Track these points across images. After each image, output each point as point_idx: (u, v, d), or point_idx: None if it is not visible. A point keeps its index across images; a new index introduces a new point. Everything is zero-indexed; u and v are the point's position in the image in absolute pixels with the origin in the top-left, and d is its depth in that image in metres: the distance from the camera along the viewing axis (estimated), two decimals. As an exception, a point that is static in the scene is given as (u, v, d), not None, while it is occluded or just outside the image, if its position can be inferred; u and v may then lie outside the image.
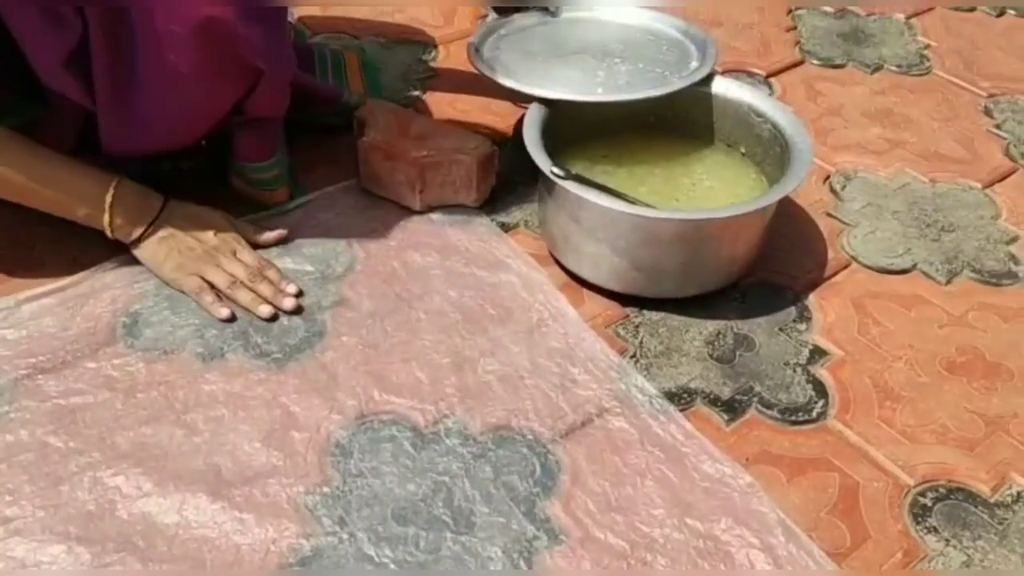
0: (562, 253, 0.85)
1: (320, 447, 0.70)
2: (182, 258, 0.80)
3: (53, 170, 0.78)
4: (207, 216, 0.84)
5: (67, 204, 0.79)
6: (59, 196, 0.78)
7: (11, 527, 0.63)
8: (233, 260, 0.82)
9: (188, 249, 0.81)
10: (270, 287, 0.81)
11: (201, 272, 0.80)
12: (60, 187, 0.78)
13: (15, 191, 0.77)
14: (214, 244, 0.82)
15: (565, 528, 0.66)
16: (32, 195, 0.78)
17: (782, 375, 0.78)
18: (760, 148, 0.89)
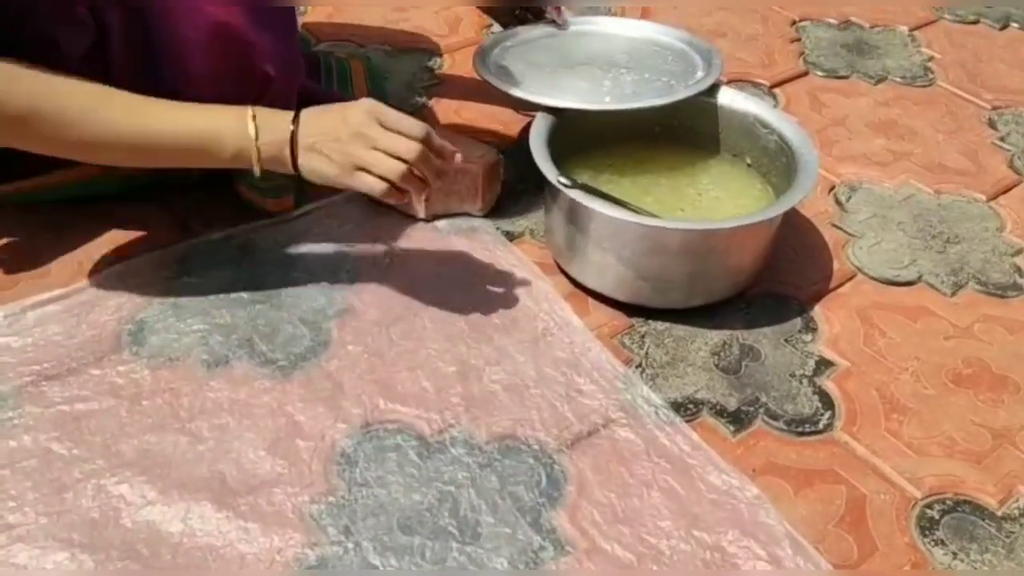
0: (567, 262, 0.85)
1: (325, 456, 0.70)
2: (336, 156, 0.71)
3: (183, 114, 0.71)
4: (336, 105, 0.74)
5: (210, 145, 0.71)
6: (199, 139, 0.71)
7: (14, 534, 0.62)
8: (385, 133, 0.71)
9: (335, 141, 0.71)
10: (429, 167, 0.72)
11: (360, 162, 0.71)
12: (200, 128, 0.71)
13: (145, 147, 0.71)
14: (357, 121, 0.71)
15: (571, 539, 0.65)
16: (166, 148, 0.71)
17: (788, 386, 0.78)
18: (766, 159, 0.89)
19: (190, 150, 0.71)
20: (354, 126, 0.70)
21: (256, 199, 0.90)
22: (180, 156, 0.72)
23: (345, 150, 0.70)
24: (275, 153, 0.71)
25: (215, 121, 0.71)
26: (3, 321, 0.78)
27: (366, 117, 0.71)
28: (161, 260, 0.85)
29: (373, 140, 0.70)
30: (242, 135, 0.70)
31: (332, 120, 0.71)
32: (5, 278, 0.82)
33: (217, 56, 0.73)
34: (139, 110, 0.70)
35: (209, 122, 0.71)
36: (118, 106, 0.69)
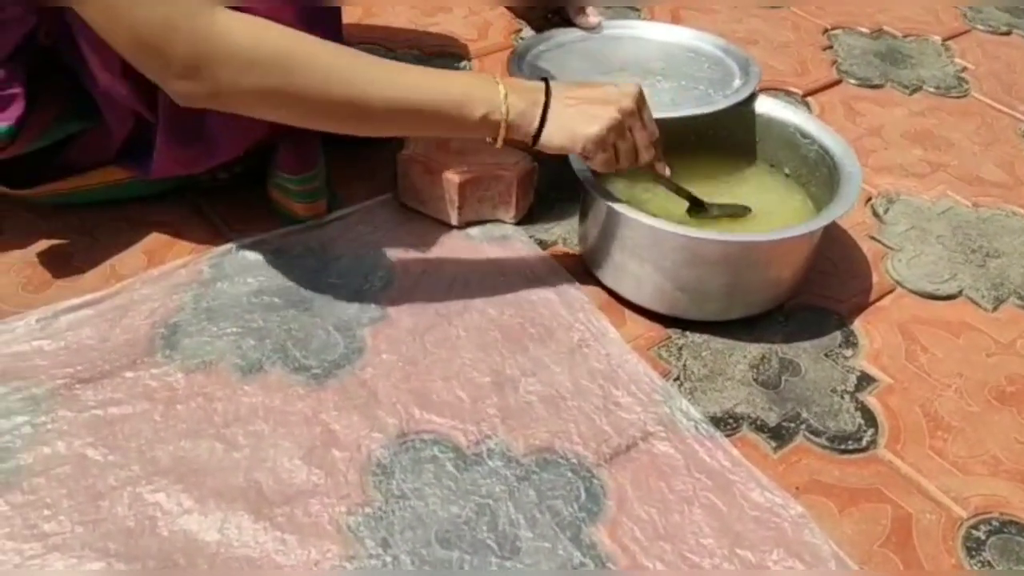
0: (603, 272, 0.84)
1: (361, 466, 0.69)
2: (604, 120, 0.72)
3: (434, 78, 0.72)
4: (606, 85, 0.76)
5: (462, 108, 0.71)
6: (453, 101, 0.71)
7: (49, 543, 0.62)
8: (642, 128, 0.76)
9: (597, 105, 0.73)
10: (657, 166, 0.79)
11: (616, 139, 0.74)
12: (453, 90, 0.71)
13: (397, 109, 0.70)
14: (629, 103, 0.74)
15: (612, 555, 0.64)
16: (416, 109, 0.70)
17: (830, 402, 0.76)
18: (806, 169, 0.88)
19: (439, 114, 0.71)
20: (627, 103, 0.73)
21: (288, 204, 0.89)
22: (428, 120, 0.72)
23: (616, 117, 0.73)
24: (522, 121, 0.72)
25: (467, 87, 0.71)
26: (36, 325, 0.77)
27: (636, 100, 0.74)
28: (194, 264, 0.84)
29: (633, 123, 0.74)
30: (493, 96, 0.71)
31: (595, 92, 0.74)
32: (39, 281, 0.82)
33: None
34: (390, 70, 0.70)
35: (461, 87, 0.71)
36: (369, 65, 0.69)
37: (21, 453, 0.67)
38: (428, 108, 0.71)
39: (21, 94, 0.75)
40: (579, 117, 0.73)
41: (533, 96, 0.73)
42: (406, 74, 0.71)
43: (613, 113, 0.73)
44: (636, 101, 0.74)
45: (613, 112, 0.73)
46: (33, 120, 0.77)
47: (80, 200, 0.87)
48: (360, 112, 0.70)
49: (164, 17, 0.63)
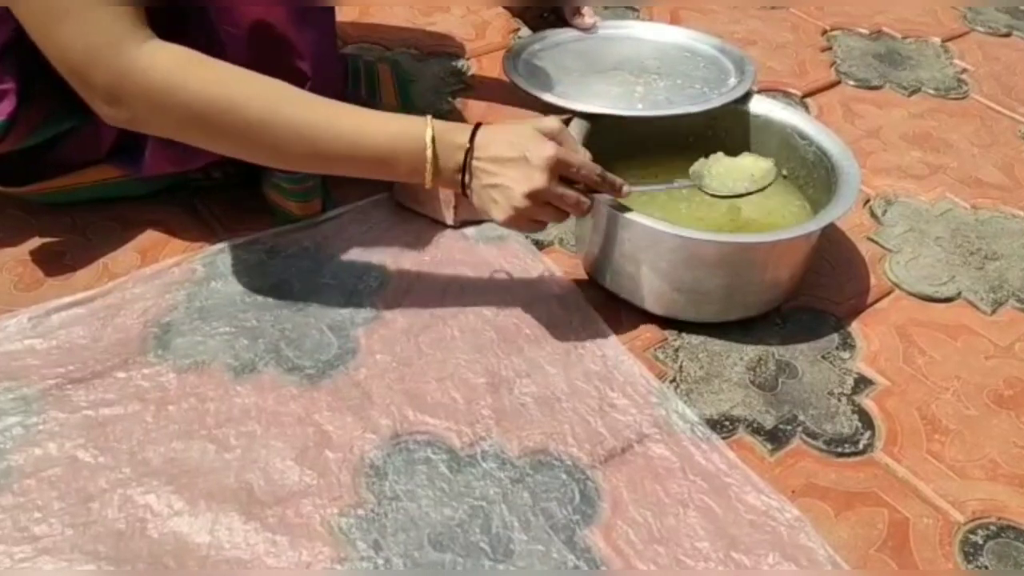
0: (600, 273, 0.84)
1: (354, 467, 0.68)
2: (505, 205, 0.69)
3: (367, 118, 0.69)
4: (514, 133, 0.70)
5: (387, 155, 0.69)
6: (379, 147, 0.68)
7: (39, 545, 0.61)
8: (564, 192, 0.70)
9: (509, 186, 0.69)
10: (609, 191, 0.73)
11: (529, 214, 0.70)
12: (379, 138, 0.68)
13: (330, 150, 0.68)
14: (540, 175, 0.68)
15: (606, 559, 0.64)
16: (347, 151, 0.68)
17: (826, 404, 0.76)
18: (804, 171, 0.87)
19: (361, 168, 0.70)
20: (535, 182, 0.68)
21: (283, 202, 0.88)
22: (352, 170, 0.71)
23: (518, 207, 0.69)
24: (447, 178, 0.71)
25: (393, 142, 0.69)
26: (28, 323, 0.76)
27: (549, 173, 0.68)
28: (187, 263, 0.84)
29: (548, 198, 0.69)
30: (418, 158, 0.69)
31: (511, 160, 0.69)
32: (30, 280, 0.81)
33: (256, 52, 0.72)
34: (315, 120, 0.67)
35: (387, 144, 0.69)
36: (292, 116, 0.67)
37: (12, 454, 0.66)
38: (348, 163, 0.70)
39: (13, 90, 0.75)
40: (488, 199, 0.71)
41: (456, 158, 0.70)
42: (332, 126, 0.68)
43: (516, 202, 0.69)
44: (545, 176, 0.68)
45: (517, 201, 0.69)
46: (25, 116, 0.76)
47: (72, 198, 0.87)
48: (281, 158, 0.70)
49: (86, 46, 0.64)
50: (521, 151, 0.68)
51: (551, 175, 0.69)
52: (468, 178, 0.70)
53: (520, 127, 0.70)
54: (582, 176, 0.71)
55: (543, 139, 0.69)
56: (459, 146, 0.70)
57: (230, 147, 0.69)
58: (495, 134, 0.70)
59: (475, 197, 0.71)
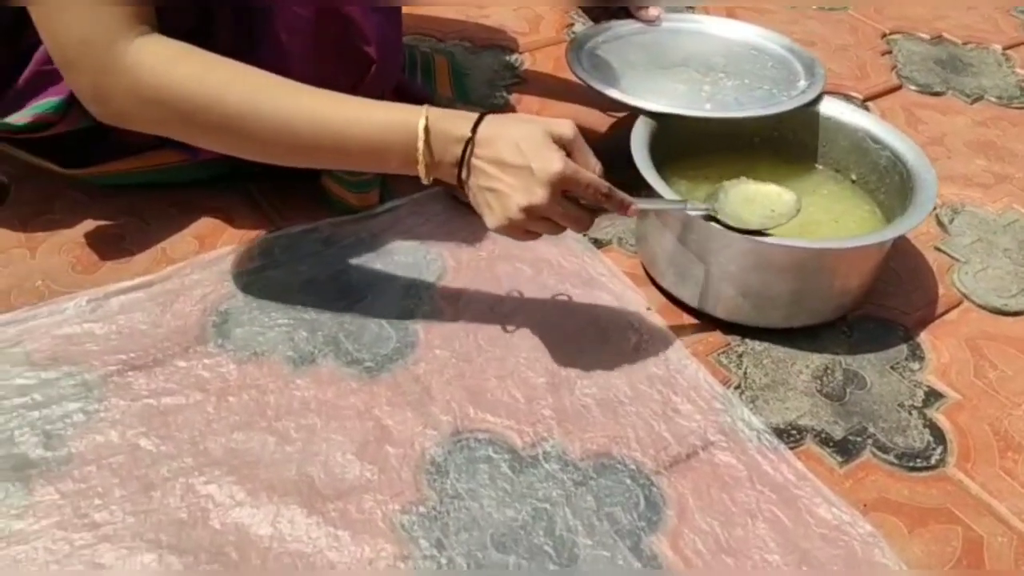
0: (662, 274, 0.82)
1: (415, 464, 0.67)
2: (500, 212, 0.64)
3: (349, 106, 0.64)
4: (528, 147, 0.63)
5: (376, 147, 0.64)
6: (366, 139, 0.64)
7: (100, 533, 0.60)
8: (565, 209, 0.65)
9: (507, 194, 0.63)
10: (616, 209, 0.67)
11: (525, 227, 0.65)
12: (364, 127, 0.64)
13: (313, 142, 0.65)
14: (543, 189, 0.62)
15: (673, 567, 0.62)
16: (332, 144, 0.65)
17: (897, 417, 0.74)
18: (875, 176, 0.85)
19: (351, 160, 0.67)
20: (536, 197, 0.62)
21: (341, 193, 0.87)
22: (341, 163, 0.68)
23: (513, 219, 0.64)
24: (445, 173, 0.66)
25: (384, 134, 0.64)
26: (87, 306, 0.76)
27: (552, 189, 0.62)
28: (244, 251, 0.83)
29: (547, 213, 0.64)
30: (410, 149, 0.64)
31: (514, 169, 0.63)
32: (88, 262, 0.80)
33: (322, 35, 0.71)
34: (300, 113, 0.63)
35: (378, 136, 0.64)
36: (277, 109, 0.63)
37: (73, 441, 0.65)
38: (337, 155, 0.66)
39: None
40: (483, 202, 0.66)
41: (454, 151, 0.64)
42: (317, 116, 0.64)
43: (512, 213, 0.64)
44: (553, 184, 0.62)
45: (512, 212, 0.64)
46: None
47: (131, 182, 0.86)
48: (267, 152, 0.67)
49: (79, 39, 0.62)
50: (527, 160, 0.62)
51: (554, 192, 0.63)
52: (466, 174, 0.65)
53: (531, 127, 0.64)
54: (589, 194, 0.65)
55: (553, 149, 0.63)
56: (458, 138, 0.64)
57: (216, 142, 0.67)
58: (502, 130, 0.64)
59: (470, 195, 0.66)
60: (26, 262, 0.80)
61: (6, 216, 0.85)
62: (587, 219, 0.67)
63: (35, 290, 0.77)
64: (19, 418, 0.67)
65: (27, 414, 0.67)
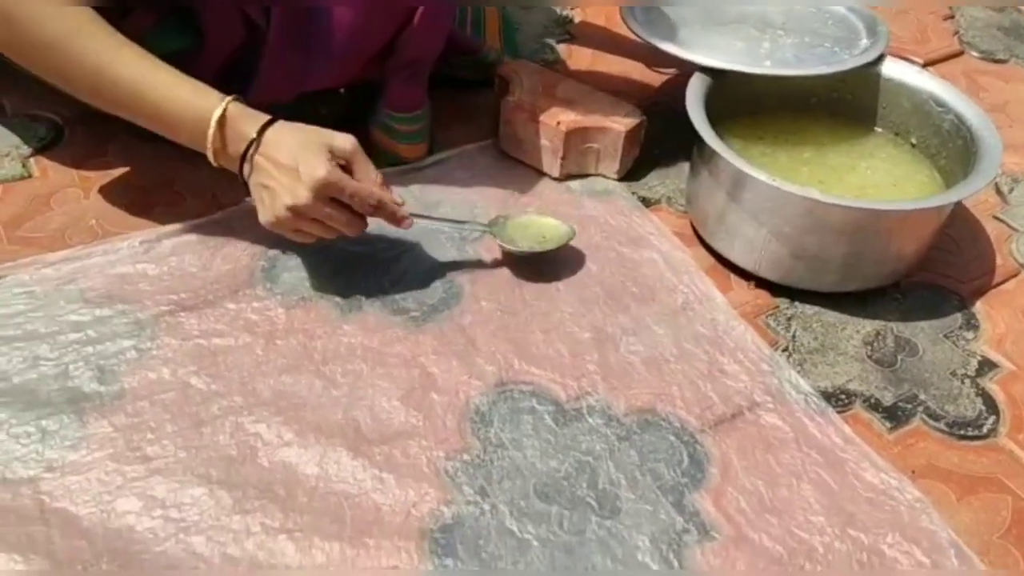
0: (712, 234, 0.81)
1: (460, 412, 0.67)
2: (271, 211, 0.68)
3: (160, 74, 0.67)
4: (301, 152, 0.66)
5: (169, 117, 0.68)
6: (161, 105, 0.67)
7: (152, 466, 0.62)
8: (331, 213, 0.68)
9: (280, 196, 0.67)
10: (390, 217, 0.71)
11: (293, 226, 0.68)
12: (164, 94, 0.67)
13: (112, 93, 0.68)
14: (306, 194, 0.66)
15: (716, 524, 0.62)
16: (129, 99, 0.68)
17: (949, 385, 0.72)
18: (937, 140, 0.83)
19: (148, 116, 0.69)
20: (301, 198, 0.66)
21: (390, 144, 0.87)
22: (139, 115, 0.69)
23: (281, 217, 0.67)
24: (230, 163, 0.69)
25: (182, 108, 0.68)
26: (139, 247, 0.77)
27: (316, 194, 0.66)
28: (293, 198, 0.83)
29: (313, 215, 0.67)
30: (200, 133, 0.68)
31: (284, 170, 0.66)
32: (140, 205, 0.81)
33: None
34: (112, 53, 0.66)
35: (175, 104, 0.67)
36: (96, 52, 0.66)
37: (126, 377, 0.67)
38: (133, 106, 0.68)
39: None
40: (258, 197, 0.69)
41: (239, 147, 0.68)
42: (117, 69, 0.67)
43: (278, 211, 0.67)
44: (315, 189, 0.65)
45: (279, 210, 0.67)
46: (124, 27, 0.75)
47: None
48: (69, 86, 0.69)
49: None
50: (296, 163, 0.66)
51: (316, 195, 0.66)
52: (248, 169, 0.68)
53: (312, 136, 0.68)
54: (355, 203, 0.68)
55: (323, 157, 0.66)
56: (244, 137, 0.68)
57: (27, 62, 0.68)
58: (284, 135, 0.68)
59: (251, 189, 0.69)
60: (80, 202, 0.81)
61: (61, 157, 0.86)
62: (358, 224, 0.70)
63: (89, 229, 0.78)
64: (74, 353, 0.68)
65: (81, 349, 0.68)
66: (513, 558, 0.59)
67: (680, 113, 0.79)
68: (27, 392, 0.65)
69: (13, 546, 0.56)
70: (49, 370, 0.67)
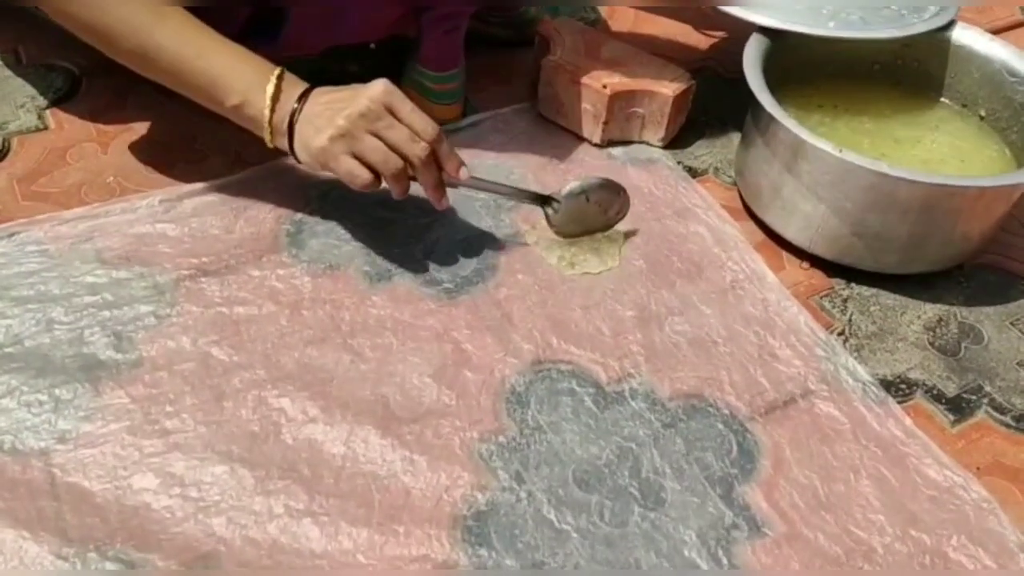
0: (765, 208, 0.76)
1: (495, 391, 0.64)
2: (328, 129, 0.63)
3: (211, 43, 0.65)
4: (359, 87, 0.65)
5: (217, 87, 0.65)
6: (209, 75, 0.64)
7: (171, 440, 0.58)
8: (393, 123, 0.63)
9: (335, 113, 0.63)
10: (431, 175, 0.66)
11: (355, 146, 0.63)
12: (214, 64, 0.64)
13: (161, 65, 0.65)
14: (367, 100, 0.63)
15: (768, 520, 0.58)
16: (177, 71, 0.65)
17: (1016, 376, 0.68)
18: (1008, 113, 0.77)
19: (191, 84, 0.65)
20: (361, 105, 0.62)
21: (422, 104, 0.81)
22: (181, 85, 0.66)
23: (341, 124, 0.62)
24: (282, 116, 0.65)
25: (231, 69, 0.65)
26: (159, 206, 0.73)
27: (378, 98, 0.63)
28: (320, 159, 0.79)
29: (377, 125, 0.63)
30: (254, 90, 0.64)
31: (341, 95, 0.64)
32: (161, 162, 0.77)
33: None
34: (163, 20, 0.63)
35: (223, 67, 0.64)
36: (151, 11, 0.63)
37: (144, 344, 0.63)
38: (180, 72, 0.65)
39: None
40: (310, 129, 0.64)
41: (291, 103, 0.64)
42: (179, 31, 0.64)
43: (338, 121, 0.63)
44: (374, 100, 0.63)
45: (339, 120, 0.63)
46: None
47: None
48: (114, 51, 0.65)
49: None
50: (351, 90, 0.64)
51: (376, 102, 0.62)
52: (292, 131, 0.65)
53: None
54: (416, 121, 0.64)
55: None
56: (296, 93, 0.65)
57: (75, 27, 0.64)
58: (329, 87, 0.65)
59: (299, 140, 0.65)
60: (98, 157, 0.77)
61: (78, 110, 0.82)
62: (408, 147, 0.64)
63: (107, 186, 0.74)
64: (89, 317, 0.64)
65: (98, 313, 0.65)
66: (551, 550, 0.55)
67: (729, 78, 0.74)
68: (40, 357, 0.62)
69: (22, 522, 0.53)
70: (63, 335, 0.63)
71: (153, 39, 0.64)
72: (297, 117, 0.64)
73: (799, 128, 0.68)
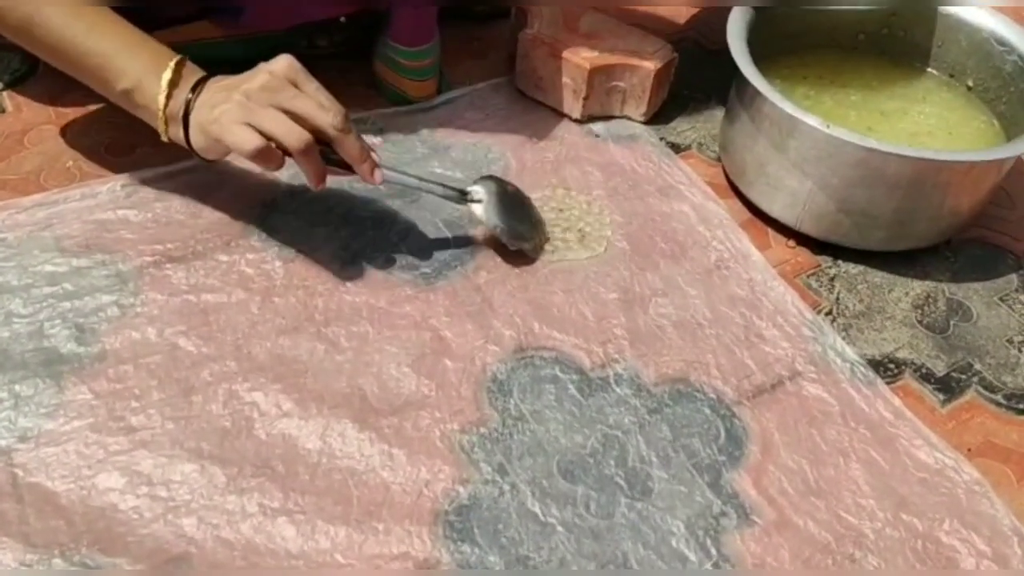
0: (750, 185, 0.74)
1: (475, 380, 0.61)
2: (225, 104, 0.58)
3: (106, 21, 0.61)
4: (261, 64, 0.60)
5: (107, 68, 0.61)
6: (100, 54, 0.60)
7: (136, 438, 0.56)
8: (298, 94, 0.59)
9: (232, 90, 0.59)
10: (355, 142, 0.61)
11: (248, 117, 0.58)
12: (106, 43, 0.60)
13: (47, 43, 0.61)
14: (265, 79, 0.58)
15: (756, 507, 0.57)
16: (65, 48, 0.61)
17: (1005, 353, 0.67)
18: (996, 83, 0.75)
19: (79, 63, 0.61)
20: (261, 78, 0.58)
21: (396, 80, 0.79)
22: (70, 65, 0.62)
23: (238, 98, 0.58)
24: (173, 111, 0.61)
25: (123, 50, 0.61)
26: (121, 191, 0.70)
27: (280, 72, 0.59)
28: (290, 140, 0.76)
29: (278, 96, 0.58)
30: (147, 76, 0.60)
31: (241, 76, 0.60)
32: (123, 144, 0.74)
33: None
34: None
35: (116, 47, 0.61)
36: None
37: (107, 336, 0.60)
38: (67, 50, 0.61)
39: None
40: (205, 109, 0.60)
41: (187, 90, 0.61)
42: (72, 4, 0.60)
43: (235, 96, 0.58)
44: (275, 74, 0.58)
45: (235, 95, 0.58)
46: None
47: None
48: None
49: None
50: (252, 71, 0.60)
51: (285, 73, 0.59)
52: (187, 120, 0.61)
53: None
54: (322, 97, 0.59)
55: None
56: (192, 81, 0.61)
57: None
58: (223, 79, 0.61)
59: (195, 125, 0.61)
60: (56, 141, 0.74)
61: (35, 91, 0.78)
62: (319, 114, 0.59)
63: (66, 171, 0.71)
64: (49, 308, 0.62)
65: (58, 305, 0.62)
66: (535, 544, 0.54)
67: (711, 51, 0.72)
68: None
69: (-17, 528, 0.51)
70: (22, 328, 0.60)
71: (41, 11, 0.59)
72: (193, 105, 0.60)
73: (785, 102, 0.66)
